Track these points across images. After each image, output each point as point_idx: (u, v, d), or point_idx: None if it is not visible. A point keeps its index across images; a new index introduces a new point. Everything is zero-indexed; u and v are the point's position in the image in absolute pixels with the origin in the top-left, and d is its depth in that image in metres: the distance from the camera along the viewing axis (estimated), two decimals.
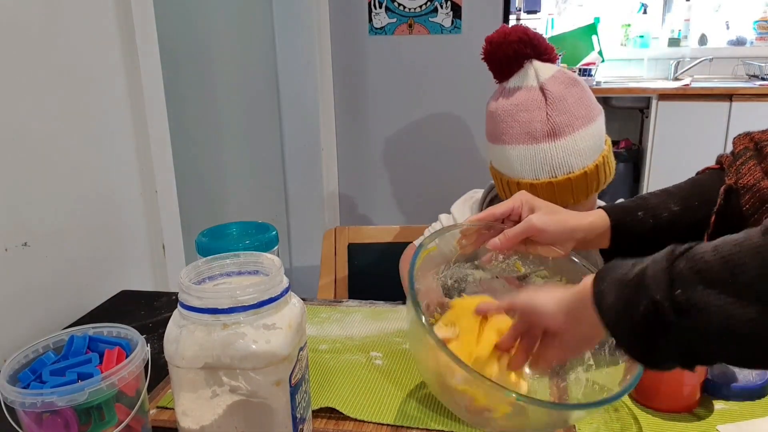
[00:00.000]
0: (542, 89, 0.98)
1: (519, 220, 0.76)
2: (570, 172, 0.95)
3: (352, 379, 0.79)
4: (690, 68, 3.61)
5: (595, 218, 0.79)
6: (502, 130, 1.00)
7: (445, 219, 1.22)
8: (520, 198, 0.77)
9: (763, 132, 0.80)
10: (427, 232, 1.20)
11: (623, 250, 0.79)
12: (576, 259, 0.77)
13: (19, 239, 0.92)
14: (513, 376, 0.67)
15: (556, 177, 0.96)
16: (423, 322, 0.60)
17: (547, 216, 0.75)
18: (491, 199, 1.15)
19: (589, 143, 0.97)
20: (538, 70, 0.99)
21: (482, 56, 1.05)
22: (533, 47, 1.00)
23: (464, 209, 1.20)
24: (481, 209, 1.13)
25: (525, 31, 1.00)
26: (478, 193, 1.21)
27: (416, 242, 1.18)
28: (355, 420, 0.71)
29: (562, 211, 0.78)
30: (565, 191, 0.96)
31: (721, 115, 3.11)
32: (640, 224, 0.79)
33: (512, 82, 1.02)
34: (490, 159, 1.08)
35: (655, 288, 0.48)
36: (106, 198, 1.12)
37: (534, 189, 0.96)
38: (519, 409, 0.59)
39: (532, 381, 0.71)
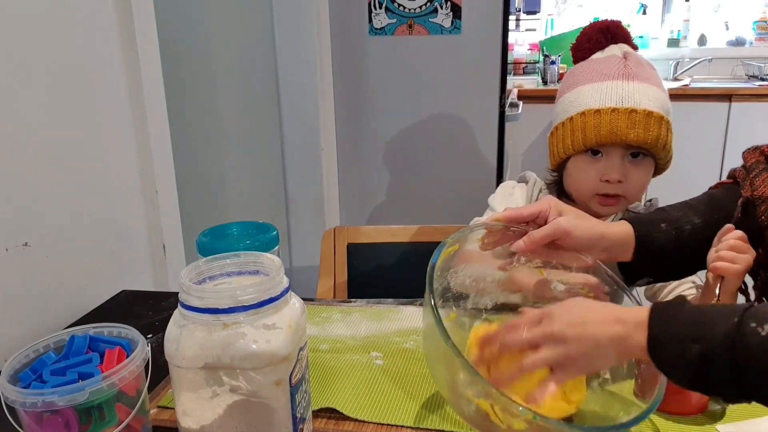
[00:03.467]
0: (624, 55, 1.04)
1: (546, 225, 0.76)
2: (637, 105, 0.98)
3: (352, 379, 0.79)
4: (689, 68, 3.61)
5: (621, 227, 0.79)
6: (577, 78, 1.05)
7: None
8: (548, 202, 0.77)
9: None
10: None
11: (646, 263, 0.79)
12: (600, 269, 0.75)
13: (19, 239, 0.92)
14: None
15: (622, 105, 0.98)
16: (440, 325, 0.59)
17: (575, 219, 0.75)
18: (538, 194, 1.14)
19: (658, 98, 1.01)
20: (623, 48, 1.06)
21: (572, 44, 1.13)
22: (623, 30, 1.08)
23: (504, 201, 1.17)
24: (530, 196, 1.13)
25: (614, 21, 1.10)
26: (515, 188, 1.18)
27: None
28: (355, 420, 0.71)
29: (590, 218, 0.78)
30: (627, 123, 0.97)
31: (720, 115, 3.11)
32: (664, 235, 0.79)
33: (596, 54, 1.08)
34: (553, 121, 1.10)
35: (721, 383, 0.53)
36: (106, 198, 1.12)
37: (597, 115, 0.99)
38: (536, 427, 0.57)
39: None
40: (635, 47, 1.10)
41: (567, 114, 1.04)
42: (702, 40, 3.72)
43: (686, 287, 1.05)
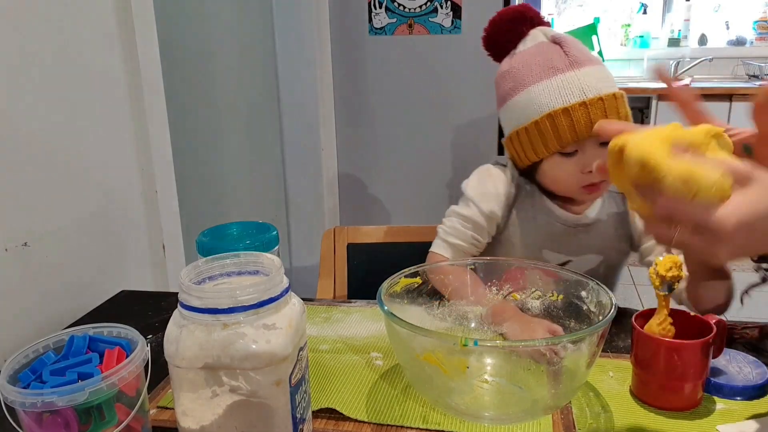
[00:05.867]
0: (554, 40, 0.99)
1: None
2: (599, 92, 0.95)
3: (352, 380, 0.79)
4: (690, 68, 3.61)
5: None
6: (521, 77, 1.00)
7: (466, 211, 1.08)
8: None
9: None
10: (441, 231, 1.09)
11: None
12: (567, 273, 0.79)
13: (19, 239, 0.92)
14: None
15: (587, 96, 0.94)
16: (385, 310, 0.66)
17: None
18: (517, 184, 1.06)
19: (609, 76, 0.98)
20: (544, 31, 1.01)
21: (483, 39, 1.07)
22: (535, 13, 1.04)
23: (483, 187, 1.08)
24: (509, 201, 1.05)
25: (523, 3, 1.06)
26: (491, 171, 1.09)
27: (431, 248, 1.10)
28: (355, 420, 0.71)
29: None
30: (599, 112, 0.95)
31: (720, 115, 3.10)
32: None
33: (521, 45, 1.03)
34: (506, 126, 1.05)
35: None
36: (106, 198, 1.12)
37: (567, 114, 0.95)
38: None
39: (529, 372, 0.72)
40: (547, 24, 1.06)
41: (527, 118, 0.99)
42: (702, 40, 3.72)
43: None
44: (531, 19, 1.03)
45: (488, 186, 1.07)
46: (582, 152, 0.97)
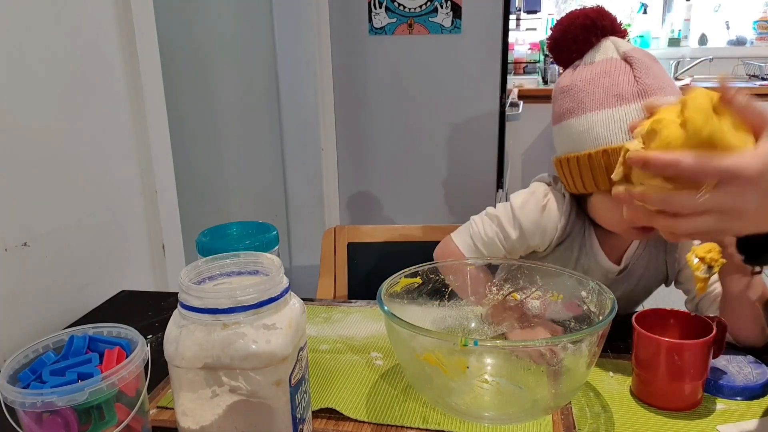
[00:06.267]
0: (625, 58, 0.88)
1: None
2: None
3: (352, 380, 0.79)
4: (690, 68, 3.61)
5: None
6: (581, 99, 0.88)
7: (511, 231, 0.96)
8: None
9: None
10: (474, 231, 1.00)
11: None
12: (567, 272, 0.79)
13: (19, 239, 0.92)
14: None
15: None
16: (385, 310, 0.67)
17: None
18: (573, 222, 0.96)
19: None
20: (617, 44, 0.90)
21: (548, 41, 0.97)
22: (610, 20, 0.92)
23: (537, 220, 0.96)
24: (559, 239, 0.96)
25: (598, 7, 0.93)
26: (548, 200, 0.97)
27: (454, 238, 1.02)
28: (355, 420, 0.71)
29: None
30: None
31: None
32: None
33: (588, 57, 0.92)
34: (558, 147, 0.95)
35: None
36: (106, 198, 1.12)
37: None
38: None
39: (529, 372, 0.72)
40: (624, 33, 0.95)
41: (581, 147, 0.88)
42: (703, 40, 3.73)
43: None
44: (603, 27, 0.91)
45: (543, 221, 0.96)
46: None
